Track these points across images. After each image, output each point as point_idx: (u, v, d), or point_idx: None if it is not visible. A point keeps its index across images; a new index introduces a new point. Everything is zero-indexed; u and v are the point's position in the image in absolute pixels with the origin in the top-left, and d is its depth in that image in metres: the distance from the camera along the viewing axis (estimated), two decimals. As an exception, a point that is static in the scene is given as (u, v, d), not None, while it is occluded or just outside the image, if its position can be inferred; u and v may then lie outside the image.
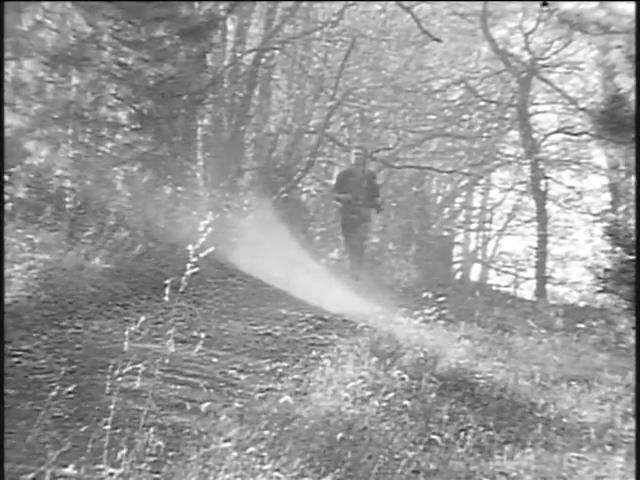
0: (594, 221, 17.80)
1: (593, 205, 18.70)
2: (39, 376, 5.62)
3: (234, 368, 6.46)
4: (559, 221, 20.00)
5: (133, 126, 10.05)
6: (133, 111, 9.99)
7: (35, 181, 9.60)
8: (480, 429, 5.64)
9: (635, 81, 7.36)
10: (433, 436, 5.23)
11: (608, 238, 7.99)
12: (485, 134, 19.18)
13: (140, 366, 4.46)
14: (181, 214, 11.43)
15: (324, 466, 4.48)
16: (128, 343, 4.52)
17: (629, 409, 6.28)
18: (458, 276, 21.11)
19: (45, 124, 9.47)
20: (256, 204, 14.10)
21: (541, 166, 18.02)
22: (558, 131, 18.80)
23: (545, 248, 17.88)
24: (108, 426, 4.10)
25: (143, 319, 5.77)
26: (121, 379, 4.45)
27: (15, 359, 5.94)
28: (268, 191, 14.80)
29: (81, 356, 6.23)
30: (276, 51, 15.95)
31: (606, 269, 7.79)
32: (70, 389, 4.58)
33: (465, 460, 5.09)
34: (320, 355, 6.76)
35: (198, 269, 4.48)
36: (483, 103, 18.69)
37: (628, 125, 7.37)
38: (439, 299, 7.79)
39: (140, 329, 6.03)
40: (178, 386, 5.70)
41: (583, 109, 16.88)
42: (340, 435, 4.80)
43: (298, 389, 5.88)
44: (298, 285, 9.95)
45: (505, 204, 22.30)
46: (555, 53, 18.13)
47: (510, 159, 19.76)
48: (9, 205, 8.70)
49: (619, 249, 7.70)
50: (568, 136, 18.72)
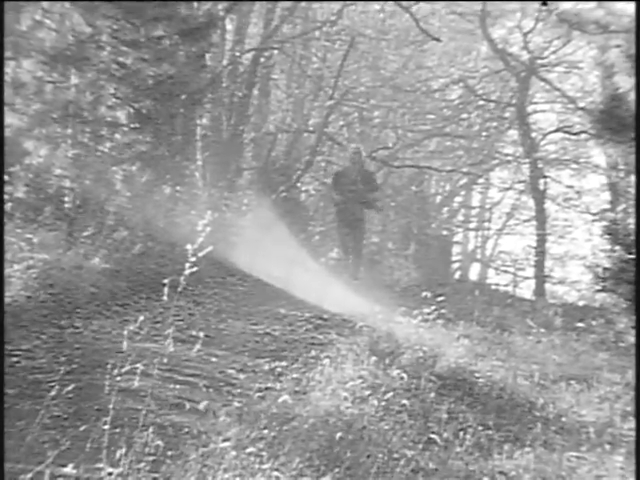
0: (593, 220, 17.80)
1: (592, 204, 18.74)
2: (38, 375, 5.62)
3: (233, 367, 6.46)
4: (558, 220, 20.05)
5: (132, 126, 10.04)
6: (132, 111, 9.99)
7: (34, 181, 9.60)
8: (479, 428, 5.64)
9: (635, 80, 7.35)
10: (432, 435, 5.22)
11: (607, 237, 7.98)
12: (484, 133, 19.20)
13: (139, 365, 4.46)
14: (180, 213, 11.44)
15: (323, 465, 4.48)
16: (127, 342, 4.52)
17: (628, 408, 6.28)
18: (457, 275, 21.15)
19: (44, 124, 9.47)
20: (255, 203, 14.11)
21: (540, 165, 18.04)
22: (557, 130, 18.82)
23: (544, 247, 17.89)
24: (107, 425, 4.10)
25: (142, 318, 5.79)
26: (120, 378, 4.45)
27: (14, 359, 5.94)
28: (267, 190, 14.80)
29: (80, 355, 6.23)
30: (275, 51, 15.96)
31: (605, 268, 7.78)
32: (69, 388, 4.57)
33: (464, 459, 5.08)
34: (319, 354, 6.75)
35: (197, 268, 4.48)
36: (482, 102, 18.71)
37: (627, 124, 7.36)
38: (438, 298, 7.78)
39: (139, 328, 6.05)
40: (177, 385, 5.69)
41: (582, 108, 16.90)
42: (339, 434, 4.80)
43: (297, 388, 5.87)
44: (297, 284, 9.95)
45: (504, 203, 22.36)
46: (554, 52, 18.14)
47: (509, 158, 19.79)
48: (8, 205, 8.69)
49: (618, 248, 7.69)
50: (567, 135, 18.75)
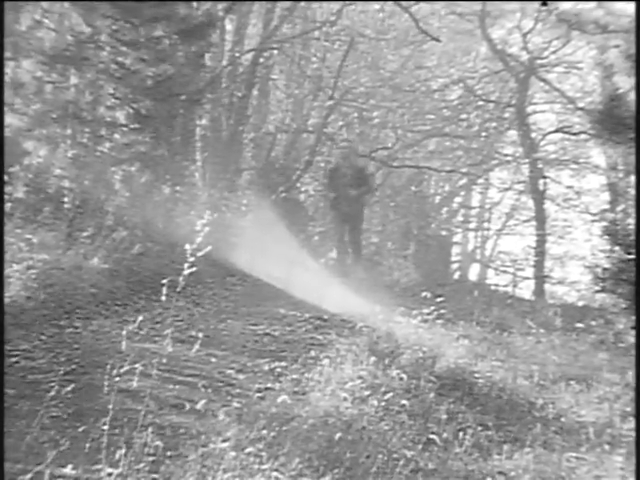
0: (593, 220, 17.77)
1: (592, 204, 18.72)
2: (37, 376, 5.61)
3: (232, 368, 6.45)
4: (558, 220, 20.02)
5: (131, 126, 10.04)
6: (131, 111, 9.99)
7: (34, 181, 9.60)
8: (479, 429, 5.64)
9: (635, 81, 7.34)
10: (432, 436, 5.22)
11: (607, 237, 7.97)
12: (483, 134, 19.19)
13: (138, 366, 4.46)
14: (179, 214, 11.44)
15: (323, 466, 4.47)
16: (126, 343, 4.53)
17: (628, 408, 6.28)
18: (457, 276, 21.12)
19: (44, 124, 9.47)
20: (255, 204, 14.10)
21: (540, 166, 18.04)
22: (557, 131, 18.81)
23: (544, 247, 17.89)
24: (106, 426, 4.10)
25: (141, 319, 5.80)
26: (119, 379, 4.45)
27: (14, 359, 5.93)
28: (267, 191, 14.80)
29: (79, 356, 6.22)
30: (274, 51, 15.96)
31: (605, 268, 7.77)
32: (68, 389, 4.57)
33: (464, 460, 5.08)
34: (319, 355, 6.75)
35: (196, 269, 4.48)
36: (481, 103, 18.70)
37: (627, 125, 7.35)
38: (438, 299, 7.77)
39: (138, 329, 6.05)
40: (176, 386, 5.68)
41: (581, 109, 16.90)
42: (339, 435, 4.80)
43: (297, 389, 5.87)
44: (297, 284, 9.95)
45: (504, 204, 22.32)
46: (553, 53, 18.14)
47: (509, 159, 19.77)
48: (8, 205, 8.69)
49: (618, 248, 7.68)
50: (567, 136, 18.74)
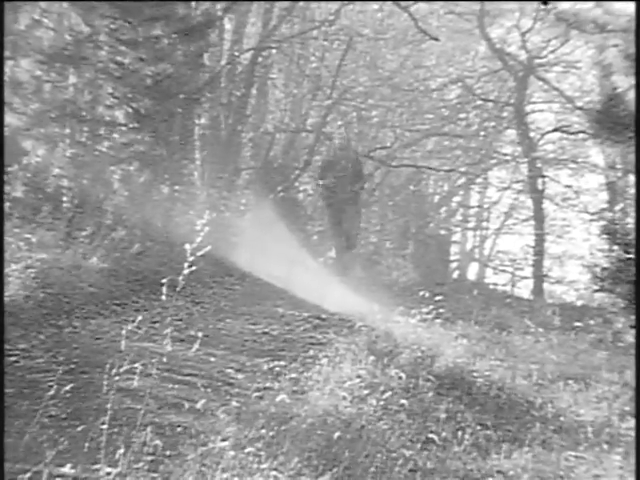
0: (591, 220, 17.76)
1: (590, 204, 18.70)
2: (37, 375, 5.61)
3: (232, 367, 6.45)
4: (556, 220, 20.00)
5: (130, 125, 10.05)
6: (130, 110, 9.99)
7: (32, 180, 9.60)
8: (477, 428, 5.65)
9: (635, 81, 7.34)
10: (430, 435, 5.22)
11: (605, 237, 7.98)
12: (482, 133, 19.18)
13: (137, 365, 4.46)
14: (178, 213, 11.44)
15: (322, 465, 4.48)
16: (125, 342, 4.53)
17: (626, 407, 6.29)
18: (455, 275, 21.11)
19: (42, 123, 9.47)
20: (253, 203, 14.11)
21: (538, 165, 18.03)
22: (555, 130, 18.80)
23: (542, 247, 17.89)
24: (105, 425, 4.10)
25: (140, 318, 5.80)
26: (118, 378, 4.44)
27: (13, 358, 5.93)
28: (265, 190, 14.80)
29: (78, 355, 6.22)
30: (273, 50, 15.96)
31: (603, 268, 7.78)
32: (67, 388, 4.57)
33: (462, 459, 5.09)
34: (318, 354, 6.76)
35: (195, 268, 4.48)
36: (480, 102, 18.70)
37: (625, 124, 7.36)
38: (436, 298, 7.78)
39: (137, 328, 6.03)
40: (175, 385, 5.69)
41: (580, 108, 16.90)
42: (337, 434, 4.79)
43: (295, 388, 5.87)
44: (297, 284, 9.96)
45: (502, 203, 22.29)
46: (552, 52, 18.13)
47: (507, 158, 19.76)
48: (6, 204, 8.69)
49: (616, 248, 7.69)
50: (565, 135, 18.73)
